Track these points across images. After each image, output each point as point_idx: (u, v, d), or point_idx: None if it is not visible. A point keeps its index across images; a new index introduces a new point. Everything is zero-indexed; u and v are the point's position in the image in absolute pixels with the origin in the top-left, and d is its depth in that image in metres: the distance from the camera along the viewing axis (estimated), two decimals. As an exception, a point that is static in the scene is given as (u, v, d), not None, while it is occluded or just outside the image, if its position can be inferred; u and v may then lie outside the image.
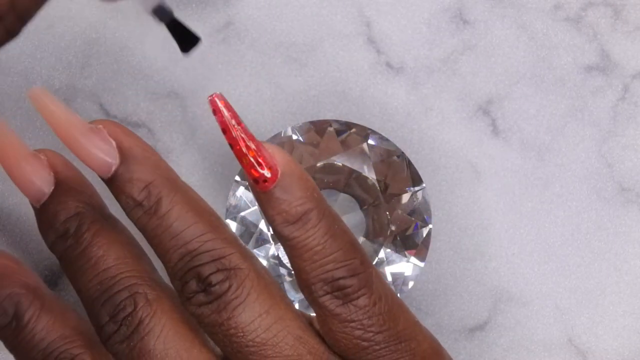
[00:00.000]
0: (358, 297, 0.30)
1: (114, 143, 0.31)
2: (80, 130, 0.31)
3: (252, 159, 0.30)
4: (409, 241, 0.38)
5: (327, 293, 0.30)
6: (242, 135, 0.30)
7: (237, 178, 0.38)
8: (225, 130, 0.30)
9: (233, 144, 0.30)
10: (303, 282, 0.31)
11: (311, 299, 0.31)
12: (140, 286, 0.31)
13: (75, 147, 0.31)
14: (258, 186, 0.30)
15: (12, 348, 0.32)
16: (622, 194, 0.40)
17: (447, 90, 0.40)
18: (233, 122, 0.30)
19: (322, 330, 0.31)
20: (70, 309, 0.33)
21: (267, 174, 0.30)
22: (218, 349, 0.32)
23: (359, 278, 0.30)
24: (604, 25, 0.41)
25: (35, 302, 0.32)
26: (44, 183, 0.32)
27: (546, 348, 0.39)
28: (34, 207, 0.33)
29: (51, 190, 0.32)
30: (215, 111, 0.30)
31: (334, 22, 0.40)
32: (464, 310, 0.39)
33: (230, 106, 0.31)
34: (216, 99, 0.30)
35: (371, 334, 0.30)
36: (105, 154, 0.31)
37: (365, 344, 0.30)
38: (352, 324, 0.30)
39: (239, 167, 0.38)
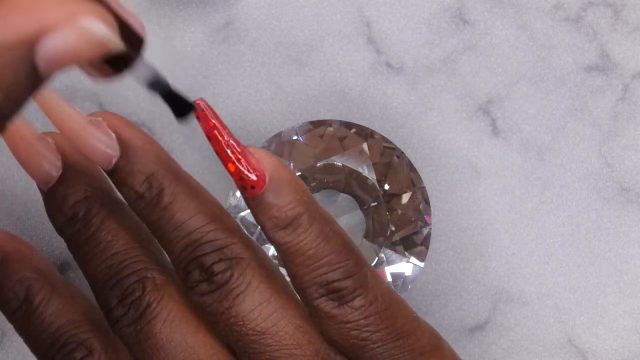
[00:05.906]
0: (354, 298, 0.30)
1: (113, 135, 0.31)
2: (79, 123, 0.31)
3: (238, 165, 0.30)
4: (409, 241, 0.38)
5: (322, 295, 0.30)
6: (229, 141, 0.30)
7: (237, 178, 0.38)
8: (210, 136, 0.30)
9: (219, 150, 0.30)
10: (297, 286, 0.31)
11: (306, 301, 0.31)
12: (148, 270, 0.31)
13: (75, 140, 0.31)
14: (247, 192, 0.30)
15: (21, 331, 0.32)
16: (622, 194, 0.40)
17: (447, 90, 0.40)
18: (218, 128, 0.30)
19: (318, 331, 0.31)
20: (80, 295, 0.33)
21: (254, 178, 0.30)
22: None
23: (354, 279, 0.30)
24: (604, 25, 0.41)
25: (45, 286, 0.32)
26: (52, 166, 0.32)
27: (546, 348, 0.39)
28: (41, 191, 0.33)
29: (59, 173, 0.32)
30: (199, 117, 0.30)
31: (334, 22, 0.40)
32: (464, 310, 0.39)
33: (214, 112, 0.30)
34: (199, 105, 0.30)
35: (368, 334, 0.30)
36: (106, 146, 0.31)
37: (362, 343, 0.30)
38: (348, 325, 0.30)
39: (239, 167, 0.39)
